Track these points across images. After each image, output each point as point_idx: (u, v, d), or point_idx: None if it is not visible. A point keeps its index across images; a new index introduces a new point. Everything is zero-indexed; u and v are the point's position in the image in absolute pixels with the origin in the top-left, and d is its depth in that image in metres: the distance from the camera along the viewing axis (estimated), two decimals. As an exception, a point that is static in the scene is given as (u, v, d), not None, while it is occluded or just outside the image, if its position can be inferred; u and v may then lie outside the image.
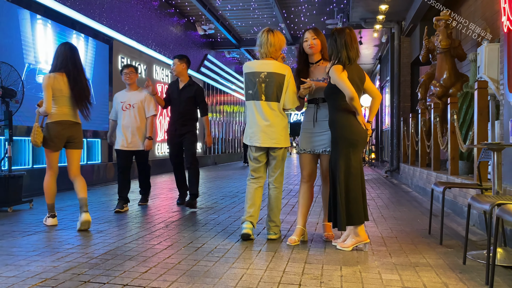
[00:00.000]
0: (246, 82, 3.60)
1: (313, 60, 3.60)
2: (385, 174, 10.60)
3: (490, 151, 3.21)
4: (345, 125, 3.25)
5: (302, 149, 3.58)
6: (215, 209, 5.20)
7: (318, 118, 3.51)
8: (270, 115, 3.51)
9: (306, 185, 3.57)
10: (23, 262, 2.90)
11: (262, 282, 2.51)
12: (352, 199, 3.21)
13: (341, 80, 3.18)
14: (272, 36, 3.53)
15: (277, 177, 3.63)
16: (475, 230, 3.99)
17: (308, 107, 3.63)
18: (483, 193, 3.48)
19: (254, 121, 3.56)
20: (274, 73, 3.49)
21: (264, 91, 3.50)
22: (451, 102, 5.20)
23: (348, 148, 3.23)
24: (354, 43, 3.29)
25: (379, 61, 14.95)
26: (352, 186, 3.22)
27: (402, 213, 5.00)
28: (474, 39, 6.64)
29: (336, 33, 3.30)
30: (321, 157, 3.57)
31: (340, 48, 3.25)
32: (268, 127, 3.51)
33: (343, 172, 3.22)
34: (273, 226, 3.59)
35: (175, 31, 12.67)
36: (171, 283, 2.48)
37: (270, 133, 3.51)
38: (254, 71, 3.53)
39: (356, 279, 2.58)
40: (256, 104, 3.54)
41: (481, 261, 2.93)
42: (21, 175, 5.24)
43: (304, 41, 3.54)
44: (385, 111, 14.08)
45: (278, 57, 3.61)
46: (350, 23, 10.32)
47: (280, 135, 3.53)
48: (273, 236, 3.57)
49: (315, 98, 3.54)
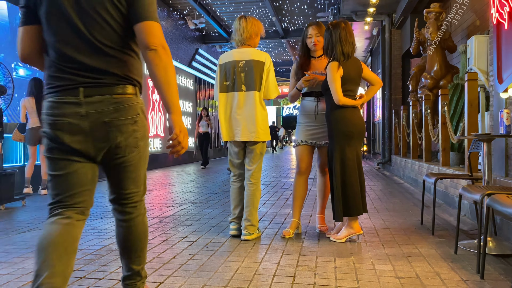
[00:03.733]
0: (222, 73, 3.42)
1: (315, 55, 3.59)
2: (377, 166, 10.67)
3: (480, 142, 3.26)
4: (340, 118, 3.26)
5: (302, 141, 3.54)
6: (209, 204, 5.21)
7: (319, 111, 3.50)
8: (248, 106, 3.35)
9: (302, 177, 3.56)
10: (17, 259, 2.90)
11: (257, 274, 2.54)
12: (349, 191, 3.23)
13: (333, 81, 3.19)
14: (245, 22, 3.37)
15: (254, 173, 3.42)
16: (466, 220, 4.04)
17: (306, 100, 3.58)
18: (473, 184, 3.52)
19: (232, 115, 3.39)
20: (253, 61, 3.34)
21: (244, 81, 3.35)
22: (442, 94, 5.25)
23: (343, 140, 3.25)
24: (349, 37, 3.26)
25: (370, 54, 14.98)
26: (348, 178, 3.24)
27: (394, 204, 5.05)
28: (464, 31, 6.68)
29: (331, 28, 3.27)
30: (321, 149, 3.57)
31: (335, 43, 3.23)
32: (246, 119, 3.34)
33: (339, 164, 3.24)
34: (248, 225, 3.36)
35: (166, 25, 12.59)
36: (167, 278, 2.49)
37: (250, 126, 3.34)
38: (233, 60, 3.38)
39: (350, 270, 2.61)
40: (234, 96, 3.37)
41: (472, 250, 2.98)
42: (13, 173, 5.20)
43: (308, 38, 3.51)
44: (376, 103, 14.14)
45: (256, 44, 3.47)
46: (341, 16, 10.33)
47: (260, 128, 3.36)
48: (248, 236, 3.35)
49: (314, 91, 3.52)
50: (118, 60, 1.71)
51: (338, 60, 3.23)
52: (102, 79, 1.69)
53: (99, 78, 1.69)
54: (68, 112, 1.67)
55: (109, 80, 1.70)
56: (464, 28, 6.76)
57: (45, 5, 1.67)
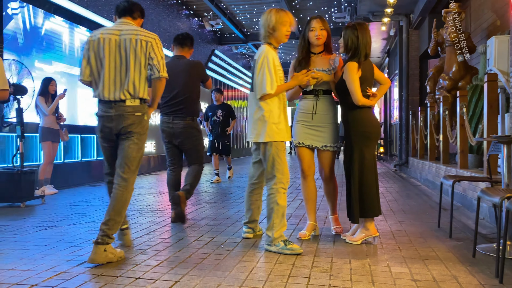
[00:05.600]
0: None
1: (316, 50, 3.44)
2: (394, 168, 10.56)
3: (500, 144, 3.20)
4: (358, 119, 3.24)
5: (300, 143, 3.44)
6: (224, 204, 5.23)
7: (317, 111, 3.39)
8: (250, 106, 3.24)
9: (307, 179, 3.50)
10: (38, 256, 2.96)
11: (272, 275, 2.54)
12: (366, 192, 3.22)
13: (353, 82, 3.15)
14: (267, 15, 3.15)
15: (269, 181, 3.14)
16: (484, 223, 3.98)
17: (305, 99, 3.46)
18: (493, 186, 3.46)
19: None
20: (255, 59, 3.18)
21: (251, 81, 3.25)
22: (460, 95, 5.17)
23: (362, 141, 3.24)
24: (371, 40, 3.29)
25: (388, 55, 14.84)
26: (365, 179, 3.22)
27: (411, 206, 5.00)
28: (483, 31, 6.57)
29: (358, 29, 3.23)
30: (321, 153, 3.46)
31: (362, 45, 3.21)
32: (250, 119, 3.24)
33: (357, 164, 3.22)
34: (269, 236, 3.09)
35: (182, 26, 12.68)
36: (182, 276, 2.52)
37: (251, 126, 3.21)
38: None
39: (366, 272, 2.60)
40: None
41: (491, 254, 2.93)
42: (33, 171, 5.31)
43: (311, 30, 3.37)
44: (393, 104, 14.00)
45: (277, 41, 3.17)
46: (357, 16, 10.26)
47: (253, 128, 3.16)
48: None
49: (314, 90, 3.39)
50: None
51: (359, 62, 3.21)
52: None
53: None
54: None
55: None
56: (483, 28, 6.65)
57: None
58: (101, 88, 2.92)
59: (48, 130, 5.99)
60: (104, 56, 2.89)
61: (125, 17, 3.04)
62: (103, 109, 2.93)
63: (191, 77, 4.15)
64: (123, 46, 2.88)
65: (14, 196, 5.05)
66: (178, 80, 4.05)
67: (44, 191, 5.90)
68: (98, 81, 2.94)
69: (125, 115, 2.89)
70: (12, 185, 5.03)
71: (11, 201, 5.10)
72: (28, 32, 6.55)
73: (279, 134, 3.11)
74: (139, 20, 3.13)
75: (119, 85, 2.89)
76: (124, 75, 2.89)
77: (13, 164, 5.37)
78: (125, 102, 2.88)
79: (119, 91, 2.88)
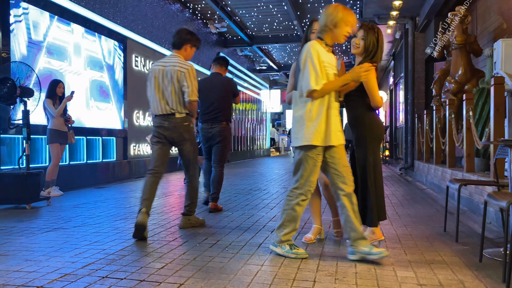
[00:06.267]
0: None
1: None
2: (400, 171, 10.52)
3: (507, 147, 3.17)
4: (373, 122, 3.25)
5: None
6: (228, 206, 5.23)
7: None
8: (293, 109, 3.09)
9: None
10: (43, 258, 2.97)
11: (277, 278, 2.53)
12: (380, 194, 3.24)
13: (375, 85, 3.13)
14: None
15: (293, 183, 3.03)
16: (491, 227, 3.94)
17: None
18: (499, 190, 3.43)
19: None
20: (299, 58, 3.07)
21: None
22: (466, 99, 5.14)
23: (376, 144, 3.27)
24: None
25: (393, 58, 14.80)
26: (379, 181, 3.24)
27: (417, 210, 4.97)
28: (490, 34, 6.54)
29: (378, 32, 3.21)
30: None
31: (380, 49, 3.20)
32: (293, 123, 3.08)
33: (372, 167, 3.20)
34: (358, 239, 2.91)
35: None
36: (187, 279, 2.51)
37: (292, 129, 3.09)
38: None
39: (371, 276, 2.58)
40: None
41: (498, 259, 2.90)
42: (38, 173, 5.34)
43: (312, 33, 3.31)
44: (399, 107, 13.95)
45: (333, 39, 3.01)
46: (363, 19, 10.24)
47: (292, 131, 3.06)
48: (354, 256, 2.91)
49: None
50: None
51: (376, 65, 3.20)
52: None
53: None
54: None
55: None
56: (490, 31, 6.61)
57: None
58: (155, 105, 3.81)
59: (56, 132, 6.02)
60: (155, 82, 3.81)
61: (174, 50, 3.97)
62: (159, 121, 3.81)
63: (225, 92, 4.98)
64: (168, 74, 3.77)
65: (20, 197, 5.08)
66: (215, 94, 4.92)
67: (50, 193, 5.92)
68: (153, 100, 3.82)
69: (177, 126, 3.79)
70: (18, 186, 5.06)
71: (17, 202, 5.13)
72: (33, 34, 6.59)
73: (313, 135, 2.89)
74: (190, 50, 3.99)
75: (168, 102, 3.77)
76: (168, 95, 3.77)
77: (19, 166, 5.40)
78: (174, 115, 3.77)
79: (168, 107, 3.77)
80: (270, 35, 15.73)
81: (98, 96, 8.22)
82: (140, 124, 9.76)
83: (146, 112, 9.93)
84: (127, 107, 9.17)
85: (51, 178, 6.05)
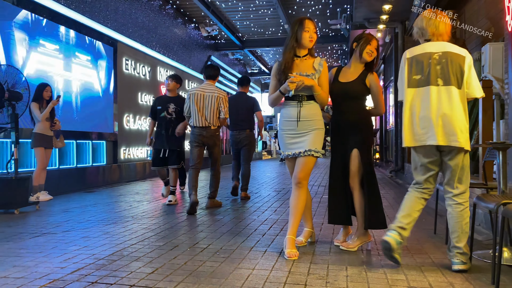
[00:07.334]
0: (411, 67, 2.96)
1: (301, 53, 3.24)
2: (390, 174, 10.57)
3: (495, 150, 3.21)
4: (370, 126, 3.41)
5: (287, 155, 3.26)
6: (220, 210, 5.21)
7: (301, 117, 3.18)
8: (446, 103, 2.79)
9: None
10: (31, 263, 2.93)
11: (268, 282, 2.52)
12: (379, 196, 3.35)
13: (381, 94, 3.31)
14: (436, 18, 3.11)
15: (463, 194, 2.84)
16: (480, 229, 3.98)
17: (287, 105, 3.26)
18: (488, 193, 3.47)
19: (423, 113, 2.81)
20: (451, 53, 2.85)
21: (440, 74, 2.80)
22: (455, 102, 5.18)
23: (371, 147, 3.41)
24: None
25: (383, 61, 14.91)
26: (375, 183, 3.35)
27: (407, 213, 4.99)
28: (478, 38, 6.61)
29: (377, 41, 3.38)
30: (301, 158, 3.19)
31: (377, 59, 3.37)
32: (443, 118, 2.77)
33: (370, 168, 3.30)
34: (458, 253, 2.76)
35: (179, 32, 12.70)
36: (178, 284, 2.50)
37: (448, 127, 2.75)
38: (425, 52, 2.94)
39: (362, 279, 2.58)
40: (427, 91, 2.82)
41: (487, 261, 2.93)
42: (27, 177, 5.27)
43: (305, 31, 3.17)
44: (389, 110, 14.05)
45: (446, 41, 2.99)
46: (353, 23, 10.31)
47: (460, 130, 2.75)
48: (461, 266, 2.72)
49: (298, 95, 3.18)
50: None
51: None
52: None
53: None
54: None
55: None
56: (478, 35, 6.69)
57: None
58: (196, 119, 5.20)
59: (40, 136, 5.91)
60: (196, 103, 5.20)
61: (209, 80, 5.41)
62: (199, 131, 5.21)
63: (248, 107, 6.46)
64: (207, 98, 5.21)
65: (8, 202, 5.01)
66: (241, 109, 6.35)
67: (39, 198, 5.85)
68: (194, 115, 5.22)
69: (212, 135, 5.25)
70: (6, 191, 4.99)
71: (5, 207, 5.06)
72: (22, 37, 6.53)
73: (404, 139, 2.91)
74: (217, 79, 5.51)
75: (206, 118, 5.21)
76: (208, 113, 5.21)
77: (7, 170, 5.33)
78: (210, 127, 5.23)
79: (207, 121, 5.20)
80: (261, 39, 15.77)
81: (88, 99, 8.16)
82: (131, 127, 9.70)
83: (137, 116, 9.89)
84: (117, 110, 9.12)
85: (39, 183, 5.97)
